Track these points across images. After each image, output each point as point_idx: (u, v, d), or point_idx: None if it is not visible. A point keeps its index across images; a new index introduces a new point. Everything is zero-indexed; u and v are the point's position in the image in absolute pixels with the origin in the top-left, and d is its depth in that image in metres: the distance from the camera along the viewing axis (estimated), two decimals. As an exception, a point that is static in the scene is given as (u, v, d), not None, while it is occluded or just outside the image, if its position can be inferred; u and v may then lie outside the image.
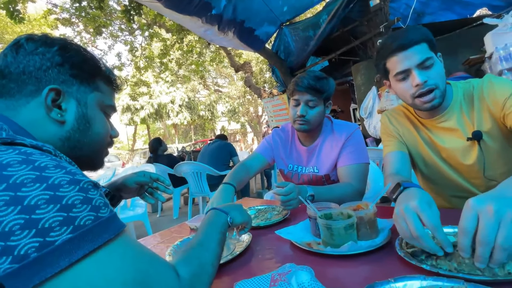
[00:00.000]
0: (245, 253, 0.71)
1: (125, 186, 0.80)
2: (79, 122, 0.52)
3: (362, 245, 0.63)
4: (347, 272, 0.57)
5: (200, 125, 24.83)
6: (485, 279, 0.43)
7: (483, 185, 0.90)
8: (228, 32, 4.47)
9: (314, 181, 1.22)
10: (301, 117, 1.13)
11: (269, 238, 0.80)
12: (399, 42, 0.82)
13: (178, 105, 19.94)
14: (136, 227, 2.84)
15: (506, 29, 2.52)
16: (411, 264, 0.53)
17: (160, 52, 8.73)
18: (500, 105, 0.80)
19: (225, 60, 9.88)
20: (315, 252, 0.65)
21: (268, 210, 1.07)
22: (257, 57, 12.42)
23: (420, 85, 0.81)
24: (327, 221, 0.66)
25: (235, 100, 20.97)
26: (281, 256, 0.68)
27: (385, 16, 4.21)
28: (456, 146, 0.90)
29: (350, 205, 0.76)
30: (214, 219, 0.62)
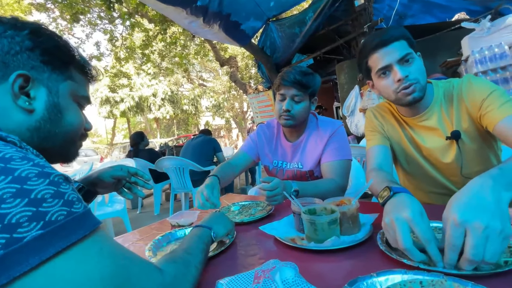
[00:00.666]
0: (228, 249, 0.70)
1: (100, 180, 0.76)
2: (50, 111, 0.49)
3: (345, 240, 0.63)
4: (330, 267, 0.57)
5: (184, 119, 24.34)
6: (464, 273, 0.45)
7: (461, 183, 0.93)
8: (213, 25, 4.38)
9: (298, 176, 1.23)
10: (286, 111, 1.13)
11: (253, 234, 0.79)
12: (379, 39, 0.84)
13: (161, 98, 19.41)
14: (114, 224, 2.74)
15: (482, 34, 2.65)
16: (392, 258, 0.53)
17: (142, 43, 8.42)
18: (478, 106, 0.82)
19: (210, 54, 9.70)
20: (299, 248, 0.65)
21: (252, 206, 1.06)
22: (243, 52, 12.31)
23: (402, 79, 0.83)
24: (311, 216, 0.66)
25: (220, 95, 20.73)
26: (265, 252, 0.67)
27: (369, 16, 4.30)
28: (436, 145, 0.92)
29: (333, 201, 0.76)
30: (198, 233, 0.63)
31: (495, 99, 0.78)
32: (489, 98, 0.80)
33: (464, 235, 0.44)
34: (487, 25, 2.63)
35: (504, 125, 0.74)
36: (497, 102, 0.78)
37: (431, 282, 0.44)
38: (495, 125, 0.77)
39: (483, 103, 0.80)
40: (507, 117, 0.74)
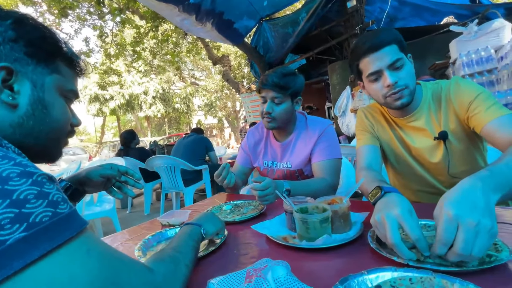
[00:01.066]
0: (219, 249, 0.69)
1: (89, 179, 0.73)
2: (34, 107, 0.46)
3: (336, 238, 0.64)
4: (322, 265, 0.57)
5: (175, 118, 24.09)
6: (452, 270, 0.46)
7: (447, 182, 0.96)
8: (206, 23, 4.35)
9: (288, 175, 1.24)
10: (267, 114, 1.15)
11: (245, 233, 0.79)
12: (371, 44, 0.85)
13: (152, 96, 19.13)
14: (103, 224, 2.69)
15: (470, 37, 2.73)
16: (383, 256, 0.54)
17: (132, 39, 8.28)
18: (465, 107, 0.84)
19: (203, 52, 9.63)
20: (290, 246, 0.65)
21: (244, 205, 1.06)
22: (236, 51, 12.28)
23: (391, 85, 0.84)
24: (303, 215, 0.66)
25: (212, 94, 20.62)
26: (256, 251, 0.67)
27: (361, 18, 4.36)
28: (424, 146, 0.94)
29: (325, 199, 0.77)
30: (188, 231, 0.62)
31: (482, 102, 0.81)
32: (476, 100, 0.82)
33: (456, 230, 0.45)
34: (474, 29, 2.70)
35: (491, 127, 0.77)
36: (484, 104, 0.80)
37: (420, 279, 0.44)
38: (482, 127, 0.79)
39: (471, 105, 0.82)
40: (494, 120, 0.76)
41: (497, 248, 0.49)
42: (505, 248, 0.48)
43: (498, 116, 0.76)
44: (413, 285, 0.44)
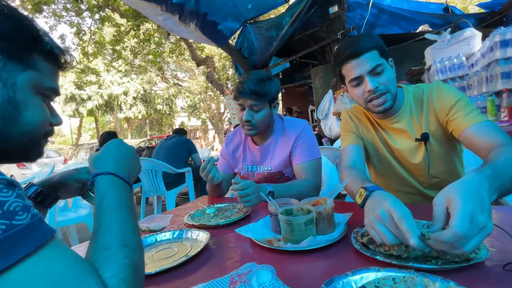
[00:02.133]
0: (201, 254, 0.67)
1: (63, 184, 0.68)
2: (4, 108, 0.41)
3: (321, 240, 0.64)
4: (307, 267, 0.56)
5: (157, 119, 23.49)
6: (433, 268, 0.47)
7: (426, 182, 0.99)
8: (190, 23, 4.29)
9: (268, 178, 1.24)
10: (247, 122, 1.14)
11: (229, 237, 0.77)
12: (352, 50, 0.87)
13: (132, 97, 18.52)
14: (79, 230, 2.54)
15: (443, 45, 2.88)
16: (367, 256, 0.54)
17: (112, 38, 8.00)
18: (446, 111, 0.87)
19: (186, 53, 9.49)
20: (275, 249, 0.64)
21: (228, 208, 1.04)
22: (220, 53, 12.21)
23: (372, 91, 0.87)
24: (288, 217, 0.66)
25: (196, 96, 20.35)
26: (241, 255, 0.65)
27: (342, 24, 4.48)
28: (405, 147, 0.97)
29: (309, 201, 0.77)
30: (121, 199, 0.46)
31: (461, 107, 0.85)
32: (456, 105, 0.85)
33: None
34: (447, 38, 2.86)
35: (470, 132, 0.80)
36: (463, 110, 0.84)
37: (403, 279, 0.45)
38: (462, 131, 0.83)
39: (451, 110, 0.86)
40: (474, 125, 0.80)
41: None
42: (482, 246, 0.50)
43: (477, 122, 0.80)
44: (396, 284, 0.44)
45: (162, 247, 0.75)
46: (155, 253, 0.71)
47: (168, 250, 0.72)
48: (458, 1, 5.53)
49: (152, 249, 0.74)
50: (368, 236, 0.62)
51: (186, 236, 0.80)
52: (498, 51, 2.13)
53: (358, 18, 5.14)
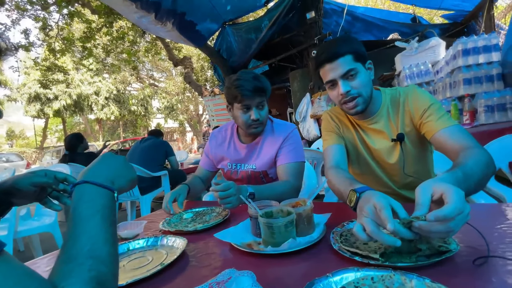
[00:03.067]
0: (178, 262, 0.64)
1: (17, 189, 0.61)
2: None
3: (301, 242, 0.63)
4: (287, 270, 0.56)
5: (131, 121, 22.55)
6: (409, 265, 0.48)
7: (400, 182, 1.04)
8: (166, 22, 4.17)
9: (252, 177, 1.23)
10: (256, 121, 1.14)
11: (207, 243, 0.74)
12: (326, 55, 0.91)
13: (104, 97, 17.62)
14: (43, 240, 2.35)
15: (412, 52, 3.06)
16: (346, 257, 0.55)
17: (82, 35, 7.55)
18: (420, 114, 0.92)
19: (163, 53, 9.22)
20: (256, 253, 0.63)
21: (207, 212, 1.01)
22: (199, 54, 12.02)
23: (344, 94, 0.91)
24: (268, 219, 0.65)
25: (173, 97, 19.82)
26: (220, 261, 0.63)
27: (319, 29, 4.62)
28: (382, 147, 1.01)
29: (289, 202, 0.77)
30: (99, 207, 0.43)
31: (434, 111, 0.90)
32: (429, 109, 0.90)
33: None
34: (415, 46, 3.05)
35: (442, 135, 0.85)
36: (436, 114, 0.89)
37: (381, 277, 0.45)
38: (434, 134, 0.88)
39: (425, 113, 0.91)
40: (445, 129, 0.85)
41: (445, 241, 0.53)
42: (452, 240, 0.52)
43: (448, 126, 0.85)
44: (375, 284, 0.45)
45: (135, 256, 0.70)
46: (127, 263, 0.67)
47: (142, 259, 0.68)
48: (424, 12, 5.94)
49: (124, 259, 0.69)
50: (346, 235, 0.64)
51: (162, 243, 0.76)
52: (460, 59, 2.30)
53: (334, 25, 5.33)
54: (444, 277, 0.45)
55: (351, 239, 0.63)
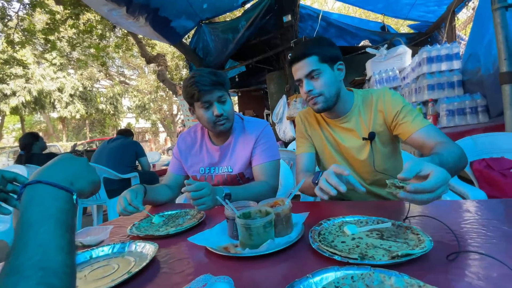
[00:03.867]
0: (147, 269, 0.58)
1: None
2: None
3: (279, 243, 0.61)
4: (266, 272, 0.53)
5: (99, 120, 21.24)
6: (387, 263, 0.48)
7: (370, 179, 1.08)
8: (139, 17, 3.98)
9: (228, 180, 1.18)
10: (220, 116, 1.08)
11: (180, 247, 0.69)
12: (295, 55, 0.98)
13: (69, 94, 16.39)
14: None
15: (381, 59, 3.22)
16: (325, 256, 0.54)
17: (45, 26, 6.96)
18: (393, 115, 0.97)
19: (135, 49, 8.80)
20: (232, 256, 0.60)
21: (180, 215, 0.95)
22: (173, 52, 11.67)
23: (307, 93, 0.98)
24: (246, 220, 0.62)
25: (145, 95, 19.03)
26: (194, 266, 0.59)
27: (295, 33, 4.71)
28: (353, 145, 1.05)
29: (268, 202, 0.75)
30: (53, 211, 0.37)
31: (408, 113, 0.95)
32: (403, 111, 0.96)
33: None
34: (384, 53, 3.22)
35: (419, 135, 0.91)
36: (410, 115, 0.94)
37: (360, 276, 0.45)
38: (410, 135, 0.93)
39: (399, 115, 0.96)
40: (422, 129, 0.91)
41: (419, 238, 0.54)
42: (426, 237, 0.54)
43: (424, 126, 0.91)
44: (355, 282, 0.44)
45: (98, 264, 0.64)
46: (89, 273, 0.60)
47: (106, 267, 0.62)
48: (392, 22, 6.33)
49: (85, 268, 0.62)
50: (324, 234, 0.63)
51: (129, 250, 0.69)
52: (425, 66, 2.47)
53: (309, 29, 5.48)
54: (420, 272, 0.45)
55: (329, 237, 0.62)
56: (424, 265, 0.48)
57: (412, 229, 0.59)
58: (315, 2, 10.47)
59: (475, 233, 0.57)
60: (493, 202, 0.78)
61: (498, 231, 0.57)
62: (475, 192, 1.04)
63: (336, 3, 10.51)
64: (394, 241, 0.57)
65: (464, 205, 0.77)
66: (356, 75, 4.20)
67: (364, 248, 0.55)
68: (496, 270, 0.43)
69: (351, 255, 0.51)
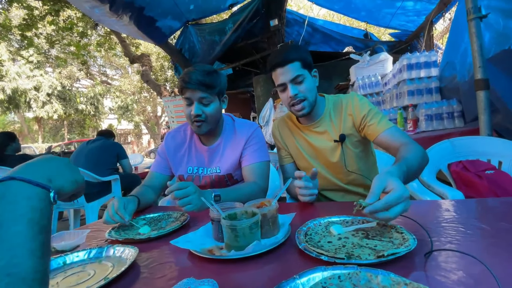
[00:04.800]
0: (126, 275, 0.55)
1: None
2: None
3: (266, 244, 0.60)
4: (252, 275, 0.52)
5: (78, 121, 20.38)
6: (373, 262, 0.48)
7: (345, 179, 1.13)
8: (123, 15, 3.88)
9: (216, 182, 1.16)
10: (197, 117, 1.05)
11: (162, 251, 0.66)
12: (277, 60, 1.01)
13: (46, 93, 15.63)
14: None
15: (364, 65, 3.32)
16: (312, 257, 0.53)
17: (22, 22, 6.63)
18: (360, 118, 1.03)
19: (118, 48, 8.55)
20: (217, 259, 0.58)
21: (163, 218, 0.92)
22: (158, 52, 11.45)
23: (292, 97, 1.01)
24: (232, 221, 0.60)
25: (128, 96, 18.50)
26: (176, 270, 0.56)
27: (282, 37, 4.78)
28: (325, 146, 1.10)
29: (254, 203, 0.74)
30: (19, 204, 0.34)
31: (374, 115, 1.02)
32: (369, 114, 1.02)
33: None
34: (367, 59, 3.32)
35: (384, 137, 0.98)
36: (375, 118, 1.01)
37: (347, 275, 0.44)
38: (377, 136, 0.99)
39: (366, 118, 1.02)
40: (386, 130, 0.98)
41: (403, 236, 0.55)
42: (410, 236, 0.54)
43: (388, 128, 0.98)
44: (342, 282, 0.44)
45: (72, 271, 0.59)
46: (62, 280, 0.56)
47: (82, 274, 0.58)
48: (374, 30, 6.57)
49: (58, 275, 0.58)
50: (311, 234, 0.63)
51: (107, 255, 0.65)
52: (405, 72, 2.57)
53: (295, 34, 5.57)
54: (404, 270, 0.46)
55: (316, 237, 0.62)
56: (408, 263, 0.48)
57: (396, 228, 0.60)
58: (301, 8, 10.69)
59: (455, 231, 0.59)
60: (471, 201, 0.81)
61: (476, 229, 0.59)
62: (453, 192, 1.08)
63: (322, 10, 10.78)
64: (379, 240, 0.57)
65: (444, 204, 0.79)
66: (340, 80, 4.30)
67: (351, 248, 0.55)
68: (475, 267, 0.44)
69: (338, 255, 0.51)
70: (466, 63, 2.15)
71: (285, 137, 1.20)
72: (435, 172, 1.36)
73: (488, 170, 1.24)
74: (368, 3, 4.16)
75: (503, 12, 1.77)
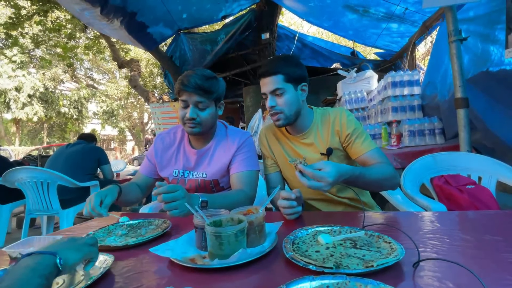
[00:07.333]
0: (98, 284, 0.51)
1: None
2: None
3: (252, 253, 0.57)
4: (237, 285, 0.49)
5: (60, 125, 19.61)
6: (362, 271, 0.47)
7: (331, 191, 1.12)
8: (114, 19, 3.84)
9: (202, 186, 1.13)
10: (191, 120, 1.04)
11: (141, 260, 0.62)
12: (263, 70, 1.04)
13: (27, 94, 15.03)
14: None
15: (350, 81, 3.43)
16: (299, 266, 0.51)
17: (8, 20, 6.42)
18: (345, 134, 1.05)
19: (107, 52, 8.41)
20: (199, 268, 0.54)
21: (143, 225, 0.87)
22: (148, 58, 11.38)
23: (270, 108, 1.04)
24: (217, 228, 0.57)
25: (114, 101, 18.08)
26: (155, 280, 0.52)
27: (272, 50, 4.88)
28: (312, 158, 1.09)
29: (241, 210, 0.71)
30: (30, 263, 0.42)
31: (359, 135, 1.04)
32: (354, 132, 1.04)
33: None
34: (354, 75, 3.43)
35: (366, 157, 1.01)
36: (360, 138, 1.04)
37: (336, 285, 0.43)
38: (358, 156, 1.03)
39: (351, 136, 1.04)
40: (369, 151, 1.01)
41: (391, 246, 0.54)
42: (398, 245, 0.54)
43: (371, 149, 1.02)
44: (331, 293, 0.42)
45: (38, 279, 0.54)
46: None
47: (48, 283, 0.53)
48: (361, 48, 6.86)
49: (21, 284, 0.52)
50: (298, 243, 0.61)
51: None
52: (389, 89, 2.66)
53: (286, 48, 5.71)
54: (394, 280, 0.44)
55: (303, 247, 0.60)
56: (397, 272, 0.47)
57: (384, 238, 0.59)
58: (292, 25, 11.05)
59: (440, 241, 0.59)
60: (453, 214, 0.83)
61: (461, 240, 0.60)
62: (436, 205, 1.10)
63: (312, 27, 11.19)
64: (367, 250, 0.56)
65: (428, 216, 0.80)
66: (328, 94, 4.40)
67: (339, 257, 0.53)
68: (462, 276, 0.44)
69: (326, 264, 0.49)
70: (446, 84, 2.26)
71: (272, 145, 1.20)
72: (419, 185, 1.38)
73: (468, 184, 1.27)
74: (355, 23, 4.35)
75: (481, 37, 1.89)
